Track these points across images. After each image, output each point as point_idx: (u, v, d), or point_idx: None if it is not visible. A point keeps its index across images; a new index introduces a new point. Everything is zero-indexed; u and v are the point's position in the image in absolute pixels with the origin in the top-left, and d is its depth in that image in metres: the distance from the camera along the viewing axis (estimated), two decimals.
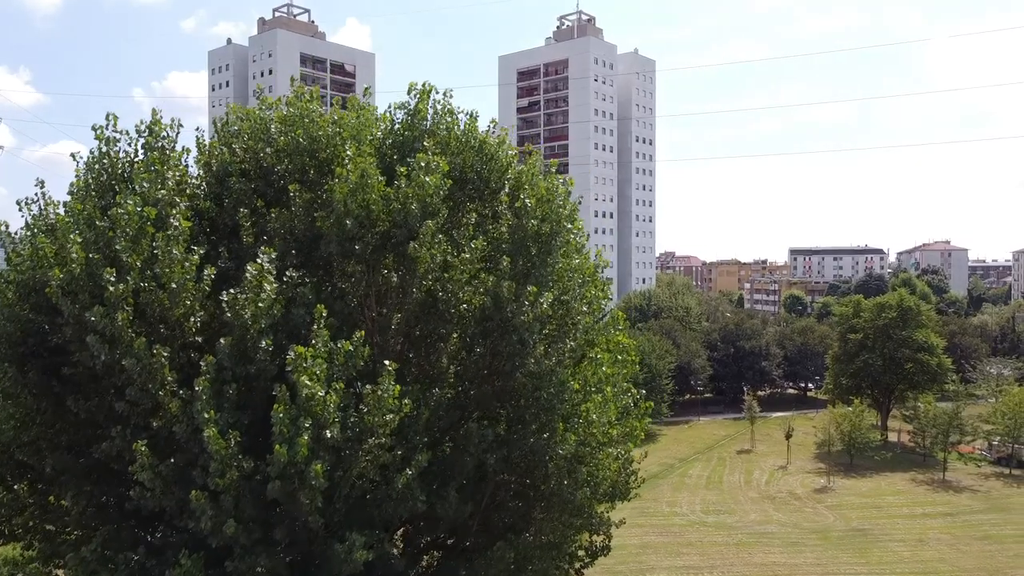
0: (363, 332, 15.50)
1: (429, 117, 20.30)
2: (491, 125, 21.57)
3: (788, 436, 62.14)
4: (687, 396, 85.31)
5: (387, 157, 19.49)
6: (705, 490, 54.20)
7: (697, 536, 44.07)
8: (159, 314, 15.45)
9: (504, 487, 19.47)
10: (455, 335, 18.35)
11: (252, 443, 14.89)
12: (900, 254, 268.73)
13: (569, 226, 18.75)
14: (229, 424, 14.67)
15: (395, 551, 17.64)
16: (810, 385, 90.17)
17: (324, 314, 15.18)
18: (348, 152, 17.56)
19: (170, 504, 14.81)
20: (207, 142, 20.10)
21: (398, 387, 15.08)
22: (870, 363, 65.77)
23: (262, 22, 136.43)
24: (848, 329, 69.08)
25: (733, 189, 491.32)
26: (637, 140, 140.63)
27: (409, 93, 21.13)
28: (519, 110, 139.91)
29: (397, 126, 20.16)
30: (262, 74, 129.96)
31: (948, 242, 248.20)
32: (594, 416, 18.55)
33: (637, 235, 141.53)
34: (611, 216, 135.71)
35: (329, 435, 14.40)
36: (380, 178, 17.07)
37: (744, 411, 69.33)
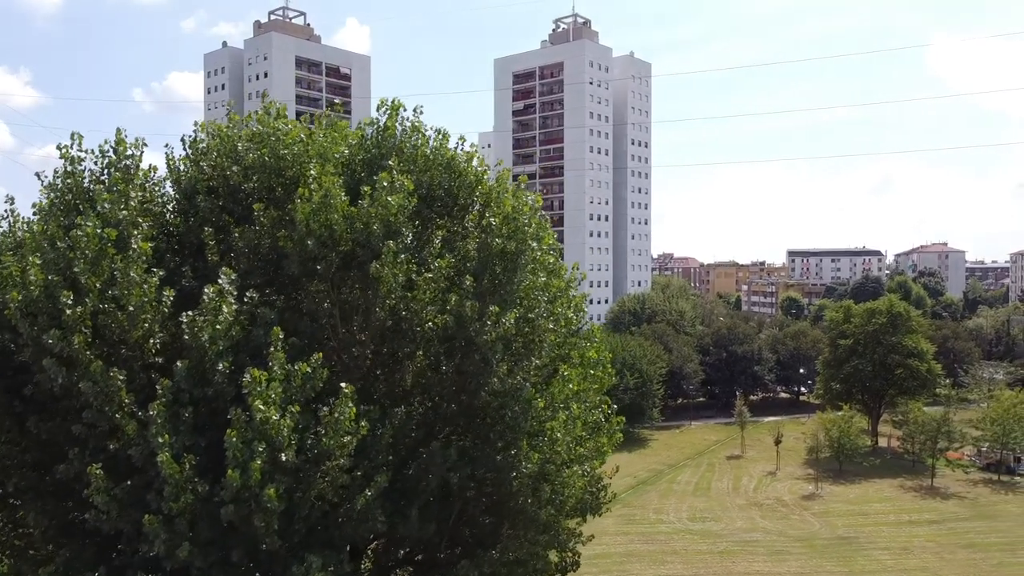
0: (321, 355, 15.53)
1: (398, 134, 20.42)
2: (460, 142, 21.66)
3: (777, 442, 62.13)
4: (680, 400, 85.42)
5: (356, 174, 19.58)
6: (693, 497, 54.22)
7: (682, 544, 44.10)
8: (118, 336, 15.53)
9: (473, 504, 19.51)
10: (420, 353, 18.42)
11: (211, 465, 14.88)
12: (898, 256, 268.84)
13: (534, 244, 18.76)
14: (185, 447, 14.72)
15: (360, 568, 17.66)
16: (803, 389, 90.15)
17: (281, 336, 15.21)
18: (312, 172, 17.60)
19: (126, 527, 14.86)
20: (177, 158, 20.16)
21: (354, 409, 15.12)
22: (860, 369, 65.83)
23: (257, 25, 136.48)
24: (838, 335, 69.13)
25: (732, 190, 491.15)
26: (633, 143, 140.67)
27: (379, 109, 21.20)
28: (515, 113, 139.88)
29: (367, 142, 20.21)
30: (257, 77, 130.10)
31: (946, 244, 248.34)
32: (559, 434, 18.56)
33: (633, 237, 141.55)
34: (606, 219, 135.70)
35: (285, 458, 14.46)
36: (344, 198, 17.17)
37: (734, 416, 69.25)
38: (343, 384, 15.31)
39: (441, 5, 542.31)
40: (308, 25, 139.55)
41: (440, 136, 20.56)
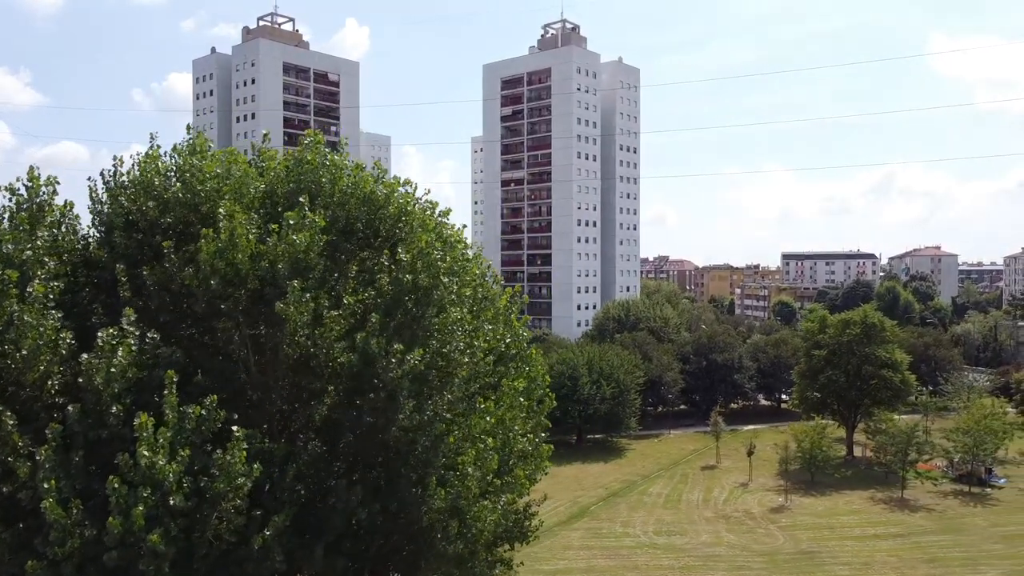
0: (215, 397, 15.67)
1: (324, 165, 20.59)
2: (378, 171, 21.86)
3: (750, 453, 62.20)
4: (660, 409, 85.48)
5: (276, 208, 19.72)
6: (662, 509, 54.29)
7: (644, 559, 44.16)
8: (15, 378, 15.67)
9: (388, 540, 19.61)
10: (332, 389, 18.54)
11: (106, 509, 14.96)
12: (892, 259, 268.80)
13: (446, 280, 18.88)
14: (76, 491, 14.88)
15: None
16: (784, 397, 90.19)
17: (175, 379, 15.34)
18: (221, 210, 17.71)
19: (14, 571, 14.97)
20: (100, 191, 20.27)
21: (244, 454, 15.25)
22: (834, 379, 65.92)
23: (246, 31, 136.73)
24: (813, 345, 69.21)
25: (728, 193, 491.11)
26: (621, 148, 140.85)
27: (303, 143, 21.40)
28: (503, 119, 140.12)
29: (288, 176, 20.33)
30: (245, 83, 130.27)
31: (939, 247, 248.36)
32: (470, 469, 18.70)
33: (621, 243, 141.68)
34: (594, 225, 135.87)
35: (174, 502, 14.60)
36: (251, 236, 17.32)
37: (711, 425, 69.33)
38: (235, 428, 15.47)
39: (438, 9, 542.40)
40: (297, 31, 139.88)
41: (358, 170, 20.77)
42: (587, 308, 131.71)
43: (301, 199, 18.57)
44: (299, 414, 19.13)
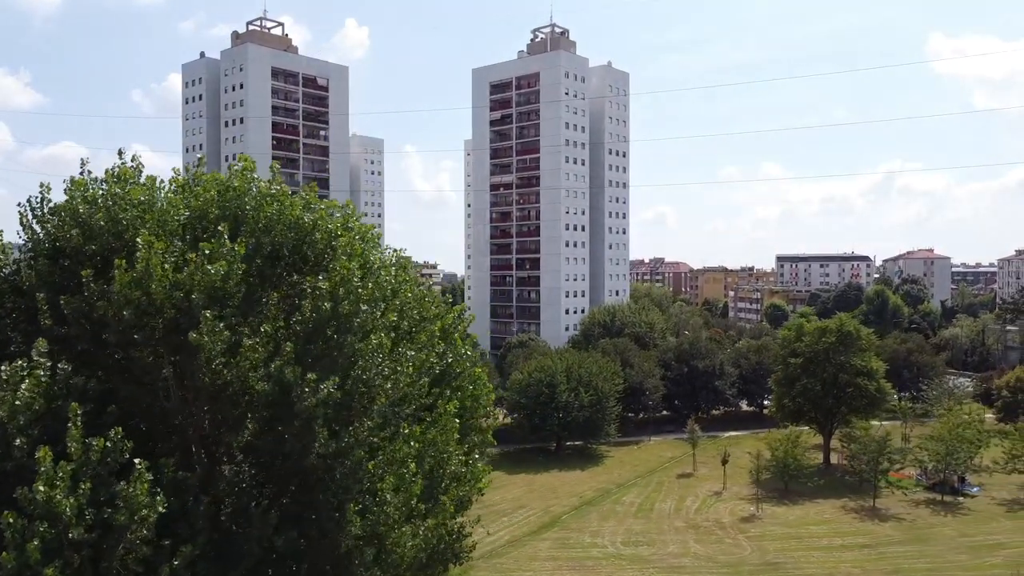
0: (120, 428, 15.83)
1: (253, 190, 20.75)
2: (305, 191, 22.03)
3: (724, 462, 62.35)
4: (640, 415, 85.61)
5: (205, 232, 19.85)
6: (633, 519, 54.43)
7: (609, 570, 44.30)
8: None
9: (311, 567, 19.73)
10: (251, 417, 18.69)
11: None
12: (885, 261, 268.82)
13: (366, 308, 19.02)
14: None
15: None
16: (766, 403, 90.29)
17: (80, 411, 15.50)
18: (139, 239, 17.85)
19: None
20: (30, 217, 20.40)
21: (145, 486, 15.40)
22: (809, 387, 66.08)
23: (235, 35, 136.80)
24: (789, 353, 69.38)
25: (729, 193, 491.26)
26: (610, 152, 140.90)
27: (230, 169, 21.54)
28: (492, 123, 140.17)
29: (213, 203, 20.43)
30: (233, 88, 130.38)
31: (931, 250, 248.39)
32: (388, 496, 18.83)
33: (610, 247, 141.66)
34: (583, 229, 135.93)
35: (74, 535, 14.76)
36: (167, 266, 17.47)
37: (687, 433, 69.48)
38: (136, 460, 15.63)
39: (434, 12, 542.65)
40: (286, 35, 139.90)
41: (284, 196, 20.90)
42: (576, 312, 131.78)
43: (220, 227, 18.70)
44: (220, 441, 19.26)
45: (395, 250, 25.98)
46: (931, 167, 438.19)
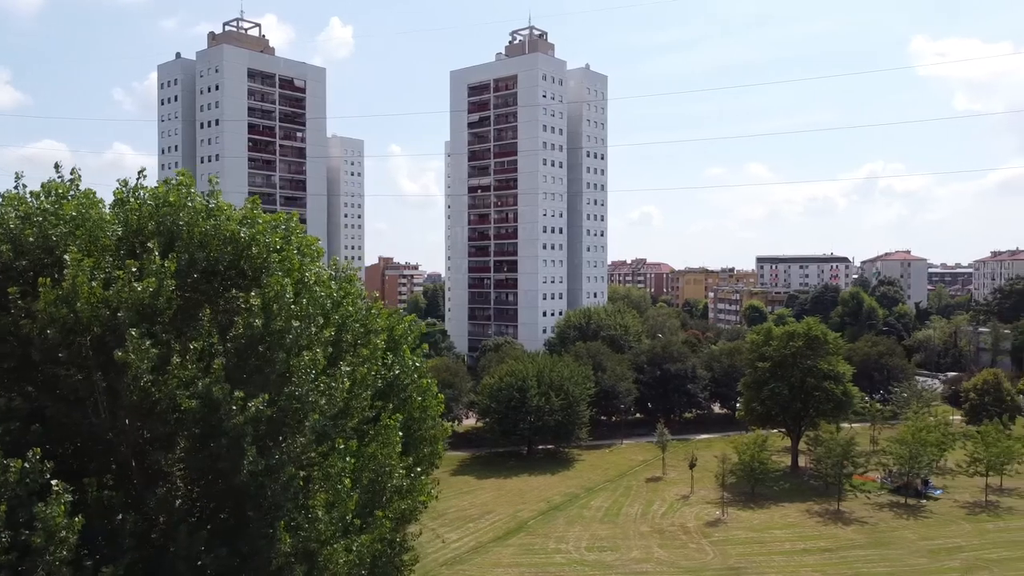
0: (38, 450, 15.77)
1: (184, 207, 20.63)
2: (250, 203, 22.00)
3: (692, 466, 62.72)
4: (613, 418, 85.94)
5: (140, 248, 19.77)
6: (599, 524, 54.63)
7: None
8: None
9: None
10: (182, 435, 18.65)
11: None
12: (864, 263, 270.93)
13: (298, 324, 19.01)
14: None
15: None
16: (738, 406, 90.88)
17: None
18: (67, 256, 17.78)
19: None
20: None
21: (63, 507, 15.34)
22: (777, 391, 66.59)
23: (211, 36, 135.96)
24: (758, 357, 69.89)
25: (713, 194, 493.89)
26: (588, 155, 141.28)
27: (166, 184, 21.45)
28: (470, 125, 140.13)
29: (145, 218, 20.31)
30: (209, 89, 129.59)
31: (909, 252, 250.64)
32: (320, 512, 18.82)
33: (588, 250, 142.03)
34: (561, 232, 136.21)
35: None
36: (94, 283, 17.41)
37: (656, 436, 69.83)
38: (54, 482, 15.57)
39: (419, 12, 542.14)
40: (263, 37, 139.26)
41: (220, 211, 20.85)
42: (553, 315, 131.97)
43: (150, 244, 18.65)
44: (150, 459, 19.19)
45: (342, 261, 25.97)
46: (913, 169, 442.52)
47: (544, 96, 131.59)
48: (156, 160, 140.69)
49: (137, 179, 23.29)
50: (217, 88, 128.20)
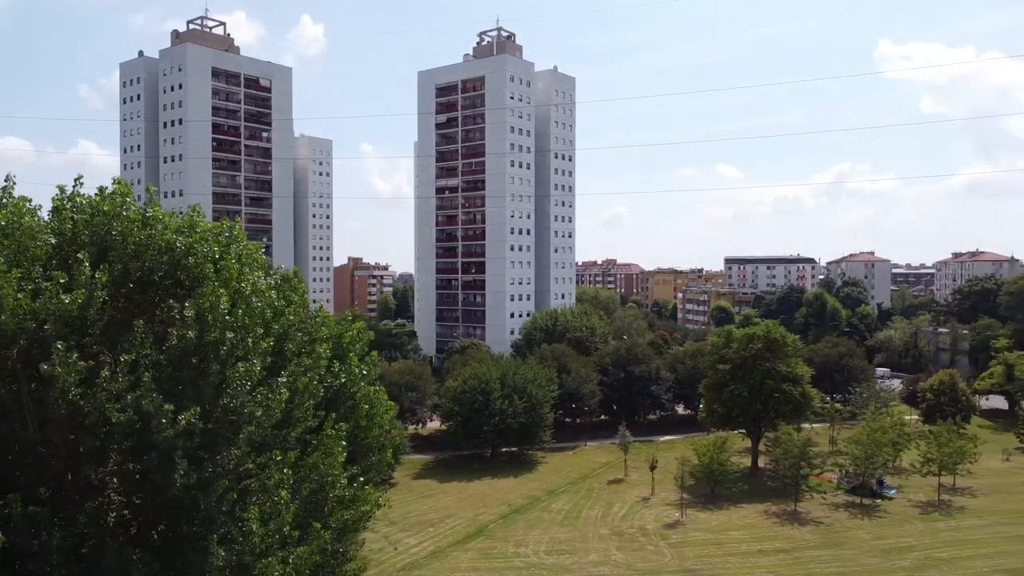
0: None
1: (124, 215, 20.35)
2: (193, 212, 21.77)
3: (652, 468, 63.16)
4: (577, 420, 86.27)
5: (70, 258, 19.47)
6: (559, 527, 54.80)
7: None
8: None
9: None
10: (114, 448, 18.41)
11: None
12: (829, 264, 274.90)
13: (232, 335, 18.87)
14: None
15: None
16: (701, 407, 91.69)
17: None
18: None
19: None
20: None
21: None
22: (737, 393, 67.30)
23: (175, 35, 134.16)
24: (718, 359, 70.59)
25: (681, 195, 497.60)
26: (556, 156, 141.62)
27: (101, 192, 21.15)
28: (438, 126, 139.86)
29: (77, 228, 20.00)
30: (172, 88, 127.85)
31: (873, 253, 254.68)
32: (254, 526, 18.68)
33: (556, 251, 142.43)
34: (528, 233, 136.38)
35: None
36: (19, 295, 17.12)
37: (618, 439, 70.25)
38: None
39: (392, 11, 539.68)
40: (228, 35, 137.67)
41: (156, 221, 20.59)
42: (521, 316, 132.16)
43: (80, 255, 18.39)
44: (82, 474, 18.91)
45: (286, 270, 25.81)
46: (881, 170, 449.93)
47: (512, 98, 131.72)
48: (119, 160, 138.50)
49: (74, 186, 23.00)
50: (180, 87, 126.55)
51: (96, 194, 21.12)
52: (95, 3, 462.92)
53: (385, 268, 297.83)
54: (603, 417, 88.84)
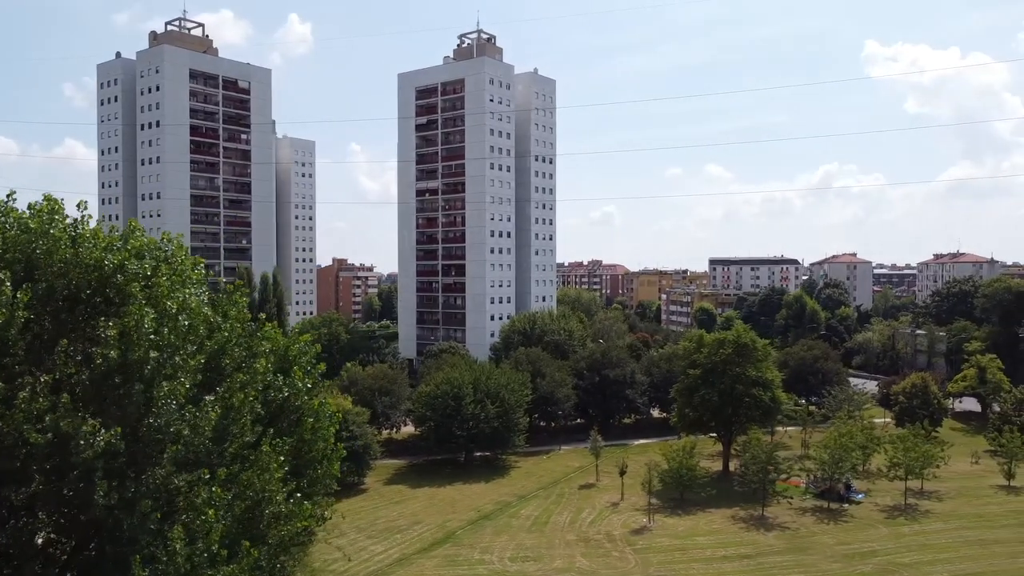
0: None
1: (51, 232, 20.22)
2: (131, 223, 21.67)
3: (622, 473, 63.31)
4: (552, 424, 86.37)
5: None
6: (526, 533, 54.83)
7: None
8: None
9: None
10: (36, 469, 18.30)
11: None
12: (812, 265, 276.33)
13: (156, 355, 18.80)
14: None
15: None
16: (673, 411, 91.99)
17: None
18: None
19: None
20: None
21: None
22: (707, 398, 67.57)
23: (153, 36, 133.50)
24: (689, 364, 70.87)
25: (667, 194, 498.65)
26: (537, 159, 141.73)
27: (30, 209, 21.03)
28: (418, 127, 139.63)
29: (15, 242, 19.88)
30: (149, 90, 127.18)
31: (855, 255, 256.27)
32: (178, 545, 18.61)
33: (537, 253, 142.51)
34: (508, 235, 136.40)
35: None
36: None
37: (589, 443, 70.41)
38: None
39: (381, 11, 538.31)
40: (207, 36, 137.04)
41: (83, 238, 20.47)
42: (501, 318, 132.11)
43: (1, 275, 18.25)
44: (2, 495, 18.79)
45: (226, 284, 25.66)
46: (867, 170, 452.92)
47: (491, 100, 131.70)
48: (96, 162, 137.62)
49: (7, 201, 22.83)
50: (158, 89, 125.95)
51: (26, 210, 21.09)
52: (76, 2, 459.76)
53: (370, 269, 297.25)
54: (579, 421, 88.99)
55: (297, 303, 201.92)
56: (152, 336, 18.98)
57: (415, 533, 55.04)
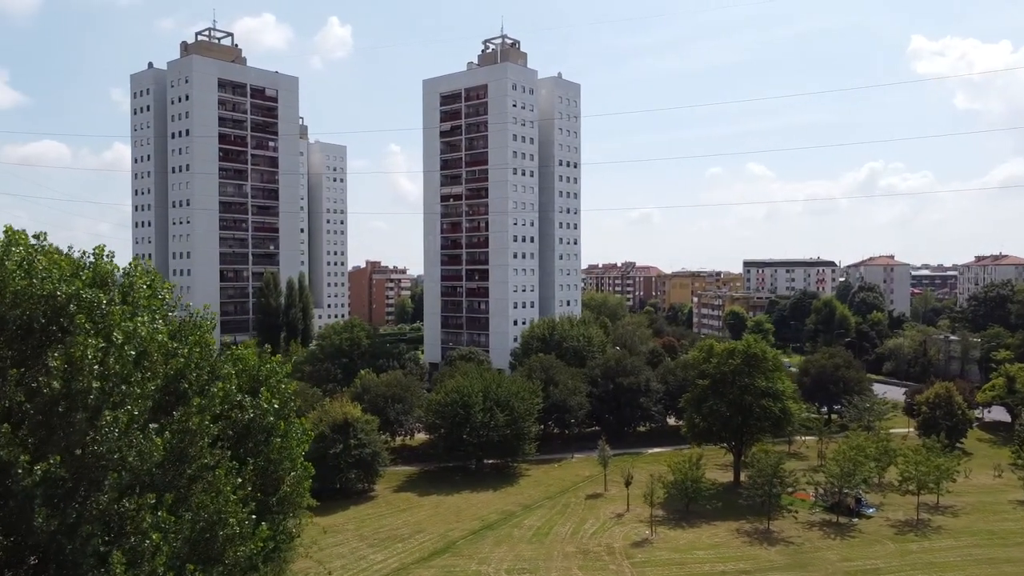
0: None
1: (5, 263, 20.96)
2: (98, 251, 22.37)
3: (627, 483, 63.04)
4: (565, 432, 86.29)
5: None
6: (526, 544, 54.94)
7: None
8: None
9: None
10: None
11: None
12: (848, 267, 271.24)
13: (99, 384, 19.42)
14: None
15: None
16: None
17: None
18: None
19: None
20: None
21: None
22: (715, 408, 66.96)
23: (184, 47, 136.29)
24: (698, 374, 70.28)
25: (712, 193, 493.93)
26: (561, 164, 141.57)
27: None
28: (442, 133, 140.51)
29: None
30: (180, 99, 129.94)
31: (892, 257, 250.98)
32: (119, 569, 19.19)
33: (561, 258, 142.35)
34: (532, 240, 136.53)
35: None
36: None
37: (597, 451, 70.24)
38: None
39: (421, 17, 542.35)
40: (236, 46, 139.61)
41: (35, 269, 21.17)
42: (524, 323, 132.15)
43: None
44: None
45: (194, 309, 26.35)
46: (914, 168, 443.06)
47: (514, 106, 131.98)
48: (129, 170, 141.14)
49: None
50: (187, 99, 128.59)
51: None
52: (124, 7, 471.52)
53: (403, 271, 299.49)
54: (594, 427, 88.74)
55: (329, 306, 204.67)
56: (97, 367, 19.58)
57: (416, 542, 55.50)
